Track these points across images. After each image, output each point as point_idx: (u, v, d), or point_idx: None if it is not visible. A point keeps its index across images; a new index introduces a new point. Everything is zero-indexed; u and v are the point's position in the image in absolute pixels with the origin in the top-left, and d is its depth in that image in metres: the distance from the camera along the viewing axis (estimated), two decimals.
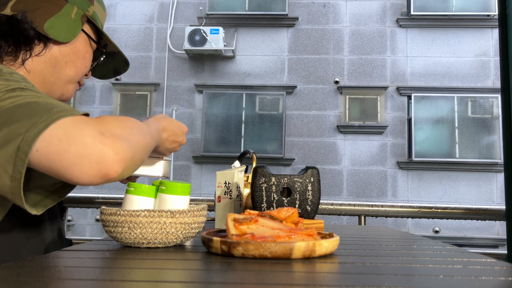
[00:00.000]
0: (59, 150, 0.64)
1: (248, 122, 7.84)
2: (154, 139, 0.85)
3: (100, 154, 0.64)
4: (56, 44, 0.92)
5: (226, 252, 0.67)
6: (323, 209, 1.97)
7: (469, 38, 7.77)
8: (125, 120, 0.75)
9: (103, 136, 0.65)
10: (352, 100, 7.79)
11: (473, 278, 0.55)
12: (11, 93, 0.70)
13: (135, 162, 0.72)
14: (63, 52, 0.93)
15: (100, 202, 2.05)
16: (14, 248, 0.82)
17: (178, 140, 0.99)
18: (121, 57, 1.08)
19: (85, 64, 0.98)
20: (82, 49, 0.97)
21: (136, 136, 0.74)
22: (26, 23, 0.86)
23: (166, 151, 0.98)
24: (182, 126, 1.01)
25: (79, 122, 0.66)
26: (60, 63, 0.93)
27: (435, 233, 7.25)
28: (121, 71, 1.13)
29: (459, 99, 7.63)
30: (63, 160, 0.64)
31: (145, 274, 0.56)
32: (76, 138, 0.64)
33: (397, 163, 7.55)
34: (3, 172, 0.65)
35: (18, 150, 0.63)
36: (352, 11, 7.99)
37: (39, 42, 0.89)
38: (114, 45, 1.04)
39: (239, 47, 8.03)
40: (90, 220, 7.52)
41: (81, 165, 0.64)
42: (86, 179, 0.65)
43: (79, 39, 0.96)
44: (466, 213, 1.99)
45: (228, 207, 1.13)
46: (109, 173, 0.65)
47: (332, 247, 0.70)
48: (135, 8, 8.14)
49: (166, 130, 0.95)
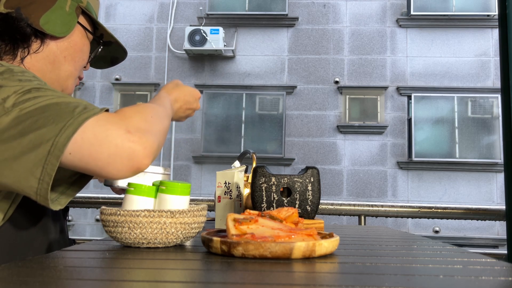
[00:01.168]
0: (92, 152, 0.69)
1: (248, 122, 7.84)
2: (169, 116, 0.90)
3: (130, 152, 0.70)
4: (53, 40, 0.91)
5: (226, 252, 0.67)
6: (323, 209, 1.97)
7: (469, 38, 7.77)
8: (144, 109, 0.78)
9: (130, 134, 0.70)
10: (352, 100, 7.79)
11: (473, 278, 0.55)
12: (28, 94, 0.70)
13: (159, 148, 0.78)
14: (61, 47, 0.92)
15: (100, 202, 2.04)
16: (19, 249, 0.82)
17: (191, 107, 1.03)
18: (118, 45, 1.07)
19: (83, 56, 0.98)
20: (79, 41, 0.96)
21: (157, 124, 0.78)
22: (22, 20, 0.85)
23: (181, 118, 1.04)
24: (195, 92, 1.04)
25: (104, 122, 0.70)
26: (58, 58, 0.92)
27: (435, 233, 7.25)
28: (119, 60, 1.13)
29: (459, 99, 7.63)
30: (98, 161, 0.69)
31: (145, 274, 0.56)
32: (106, 140, 0.69)
33: (397, 163, 7.55)
34: (29, 175, 0.67)
35: (49, 154, 0.66)
36: (352, 11, 7.99)
37: (36, 39, 0.88)
38: (110, 34, 1.03)
39: (239, 47, 8.03)
40: (90, 220, 7.52)
41: (115, 164, 0.69)
42: (121, 175, 0.71)
43: (75, 32, 0.94)
44: (466, 213, 1.99)
45: (228, 207, 1.13)
46: (140, 166, 0.71)
47: (332, 247, 0.70)
48: (135, 8, 8.14)
49: (178, 100, 0.98)
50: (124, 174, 0.71)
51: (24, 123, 0.67)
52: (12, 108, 0.68)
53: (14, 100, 0.69)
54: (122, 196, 0.89)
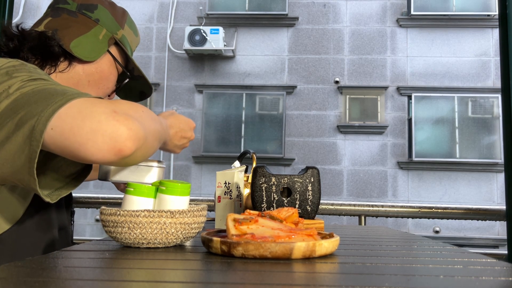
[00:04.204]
0: (73, 126, 0.65)
1: (248, 122, 7.84)
2: (164, 131, 0.86)
3: (114, 130, 0.65)
4: (81, 63, 0.95)
5: (226, 252, 0.67)
6: (323, 209, 1.96)
7: (469, 38, 7.77)
8: (137, 104, 0.76)
9: (116, 114, 0.66)
10: (352, 100, 7.79)
11: (473, 278, 0.55)
12: (33, 82, 0.72)
13: (148, 146, 0.72)
14: (87, 71, 0.96)
15: (100, 202, 2.04)
16: (26, 251, 0.82)
17: (186, 136, 1.00)
18: (146, 81, 1.10)
19: (108, 85, 1.01)
20: (107, 70, 0.99)
21: (148, 120, 0.74)
22: (54, 40, 0.90)
23: (176, 147, 1.00)
24: (189, 121, 1.02)
25: (93, 101, 0.68)
26: (82, 81, 0.95)
27: (435, 233, 7.25)
28: (147, 95, 1.15)
29: (459, 99, 7.63)
30: (77, 136, 0.65)
31: (145, 274, 0.56)
32: (90, 115, 0.65)
33: (397, 163, 7.55)
34: (20, 152, 0.66)
35: (33, 129, 0.65)
36: (352, 11, 7.99)
37: (64, 60, 0.93)
38: (139, 70, 1.06)
39: (239, 47, 8.03)
40: (90, 220, 7.52)
41: (95, 140, 0.64)
42: (100, 155, 0.65)
43: (104, 59, 0.98)
44: (467, 213, 1.99)
45: (228, 207, 1.13)
46: (123, 149, 0.66)
47: (332, 247, 0.70)
48: (135, 8, 8.14)
49: (173, 127, 0.96)
50: (104, 155, 0.65)
51: (19, 103, 0.68)
52: (14, 92, 0.70)
53: (18, 86, 0.71)
54: (122, 196, 0.89)
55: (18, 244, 0.81)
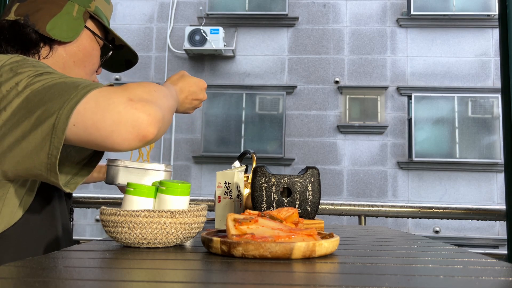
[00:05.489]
0: (95, 121, 0.67)
1: (248, 122, 7.84)
2: (175, 99, 0.88)
3: (135, 118, 0.68)
4: (61, 45, 0.92)
5: (226, 252, 0.67)
6: (323, 209, 1.96)
7: (469, 38, 7.76)
8: (148, 84, 0.77)
9: (132, 102, 0.69)
10: (352, 100, 7.79)
11: (473, 278, 0.55)
12: (40, 77, 0.72)
13: (165, 123, 0.75)
14: (69, 52, 0.93)
15: (100, 202, 2.04)
16: (29, 251, 0.82)
17: (197, 98, 1.01)
18: (129, 49, 1.08)
19: (93, 61, 0.99)
20: (88, 46, 0.96)
21: (161, 99, 0.77)
22: (28, 26, 0.87)
23: (187, 110, 1.02)
24: (200, 82, 1.02)
25: (107, 92, 0.69)
26: (68, 63, 0.93)
27: (435, 233, 7.25)
28: (133, 63, 1.13)
29: (459, 99, 7.63)
30: (101, 130, 0.67)
31: (145, 274, 0.56)
32: (108, 107, 0.67)
33: (397, 163, 7.55)
34: (40, 150, 0.67)
35: (54, 127, 0.66)
36: (352, 11, 7.99)
37: (44, 45, 0.90)
38: (120, 39, 1.04)
39: (239, 47, 8.03)
40: (90, 220, 7.52)
41: (119, 131, 0.67)
42: (126, 144, 0.69)
43: (83, 36, 0.95)
44: (467, 213, 1.99)
45: (228, 207, 1.13)
46: (146, 134, 0.69)
47: (332, 247, 0.70)
48: (135, 8, 8.14)
49: (183, 91, 0.97)
50: (130, 143, 0.69)
51: (33, 102, 0.69)
52: (24, 89, 0.70)
53: (26, 82, 0.71)
54: (122, 196, 0.89)
55: (23, 239, 0.81)
